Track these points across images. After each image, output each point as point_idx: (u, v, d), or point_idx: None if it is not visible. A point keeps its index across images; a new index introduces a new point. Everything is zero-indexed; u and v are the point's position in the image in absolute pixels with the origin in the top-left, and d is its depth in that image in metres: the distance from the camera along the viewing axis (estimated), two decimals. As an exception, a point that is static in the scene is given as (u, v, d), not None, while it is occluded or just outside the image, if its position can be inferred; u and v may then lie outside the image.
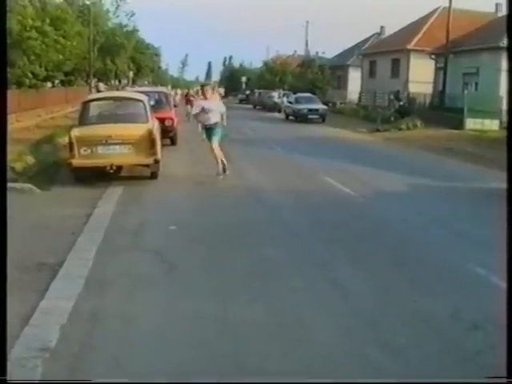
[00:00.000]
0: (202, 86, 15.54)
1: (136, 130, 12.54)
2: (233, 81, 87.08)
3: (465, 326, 5.28)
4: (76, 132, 12.37)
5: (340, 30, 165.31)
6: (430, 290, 6.32)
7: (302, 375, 4.39)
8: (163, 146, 15.00)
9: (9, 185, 10.80)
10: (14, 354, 4.49)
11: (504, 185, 4.73)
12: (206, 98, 14.09)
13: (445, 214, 10.49)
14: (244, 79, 79.41)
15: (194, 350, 4.74)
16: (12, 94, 25.32)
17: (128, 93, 19.20)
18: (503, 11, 33.47)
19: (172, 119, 19.33)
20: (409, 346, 4.87)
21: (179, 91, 38.21)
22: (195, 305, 5.67)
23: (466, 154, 19.63)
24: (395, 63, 44.17)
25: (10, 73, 25.91)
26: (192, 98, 29.80)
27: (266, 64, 71.23)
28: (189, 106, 30.84)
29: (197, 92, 28.89)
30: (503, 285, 4.43)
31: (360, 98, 49.03)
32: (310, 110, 36.35)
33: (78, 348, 4.71)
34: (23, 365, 4.37)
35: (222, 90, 35.74)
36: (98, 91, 28.20)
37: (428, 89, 37.48)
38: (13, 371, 4.19)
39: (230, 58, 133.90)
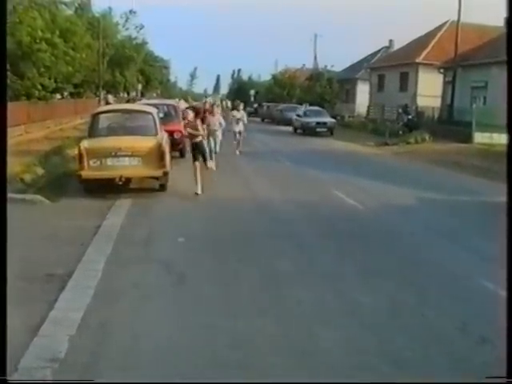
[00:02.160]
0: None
1: (145, 142, 12.59)
2: (241, 94, 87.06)
3: (473, 340, 5.29)
4: (85, 144, 12.43)
5: (349, 43, 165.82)
6: (439, 303, 6.31)
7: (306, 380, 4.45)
8: (172, 158, 15.05)
9: (19, 196, 10.92)
10: (23, 363, 4.54)
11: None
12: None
13: (452, 227, 10.48)
14: (252, 92, 79.45)
15: (201, 359, 4.78)
16: (21, 106, 25.51)
17: (137, 105, 19.29)
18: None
19: (181, 132, 19.37)
20: (416, 358, 4.89)
21: (182, 105, 35.33)
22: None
23: (474, 168, 19.57)
24: (404, 77, 44.17)
25: (19, 84, 26.13)
26: (208, 114, 21.06)
27: (274, 77, 71.37)
28: (204, 126, 22.28)
29: (212, 105, 23.29)
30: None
31: (368, 112, 49.02)
32: (318, 123, 36.34)
33: (87, 358, 4.74)
34: (33, 375, 4.40)
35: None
36: (107, 103, 28.15)
37: (436, 102, 37.47)
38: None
39: (239, 70, 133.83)
